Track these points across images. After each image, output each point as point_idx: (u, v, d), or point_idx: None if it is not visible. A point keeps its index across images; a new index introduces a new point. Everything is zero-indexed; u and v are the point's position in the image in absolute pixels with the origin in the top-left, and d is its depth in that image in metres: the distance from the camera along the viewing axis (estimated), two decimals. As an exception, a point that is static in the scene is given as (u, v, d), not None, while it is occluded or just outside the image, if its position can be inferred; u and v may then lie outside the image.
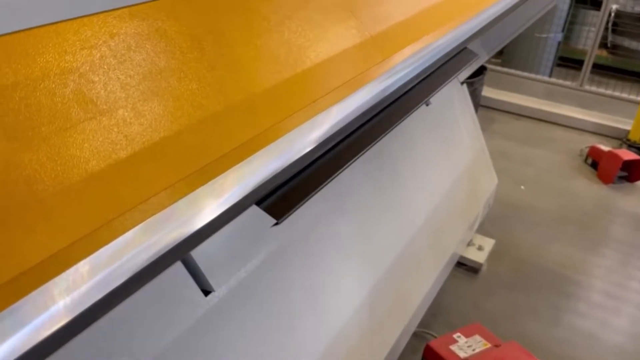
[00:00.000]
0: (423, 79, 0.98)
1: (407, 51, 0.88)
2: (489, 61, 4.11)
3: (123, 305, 0.57)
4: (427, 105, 1.95)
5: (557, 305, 2.11)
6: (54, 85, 0.51)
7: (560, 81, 3.79)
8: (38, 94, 0.49)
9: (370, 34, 0.86)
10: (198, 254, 1.02)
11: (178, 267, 0.99)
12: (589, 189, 2.87)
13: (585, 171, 3.03)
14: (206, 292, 1.00)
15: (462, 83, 2.24)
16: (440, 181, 1.96)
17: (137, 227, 0.53)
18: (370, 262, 1.50)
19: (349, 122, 0.74)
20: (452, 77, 1.04)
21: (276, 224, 0.60)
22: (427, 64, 0.93)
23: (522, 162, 3.11)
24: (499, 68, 3.95)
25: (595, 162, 3.02)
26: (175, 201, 0.55)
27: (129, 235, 0.52)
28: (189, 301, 0.88)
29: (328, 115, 0.70)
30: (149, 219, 0.53)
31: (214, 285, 1.02)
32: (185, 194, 0.55)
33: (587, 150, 3.10)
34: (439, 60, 0.99)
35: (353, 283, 1.42)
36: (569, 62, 4.25)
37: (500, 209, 2.65)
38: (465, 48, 1.08)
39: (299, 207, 0.61)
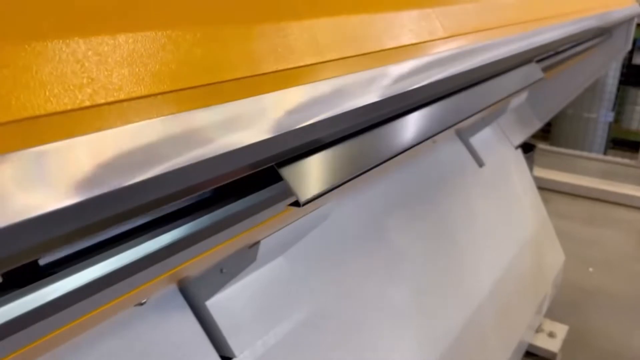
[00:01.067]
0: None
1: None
2: (537, 141, 3.93)
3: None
4: (480, 166, 1.77)
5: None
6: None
7: (618, 159, 3.55)
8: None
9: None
10: (217, 309, 0.83)
11: (192, 326, 0.80)
12: (667, 271, 2.53)
13: (658, 251, 2.71)
14: (226, 358, 0.80)
15: (516, 147, 2.05)
16: (502, 252, 1.71)
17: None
18: (425, 342, 1.25)
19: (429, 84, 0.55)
20: (518, 89, 0.86)
21: (296, 203, 0.40)
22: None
23: (586, 244, 2.81)
24: (548, 147, 3.76)
25: (670, 241, 2.69)
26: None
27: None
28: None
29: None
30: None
31: (234, 349, 0.82)
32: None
33: (658, 229, 2.79)
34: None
35: (408, 364, 1.16)
36: (622, 144, 4.03)
37: (569, 292, 2.33)
38: (531, 61, 0.91)
39: (334, 189, 0.42)
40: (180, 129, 0.30)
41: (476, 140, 1.75)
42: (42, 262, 0.38)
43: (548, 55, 1.29)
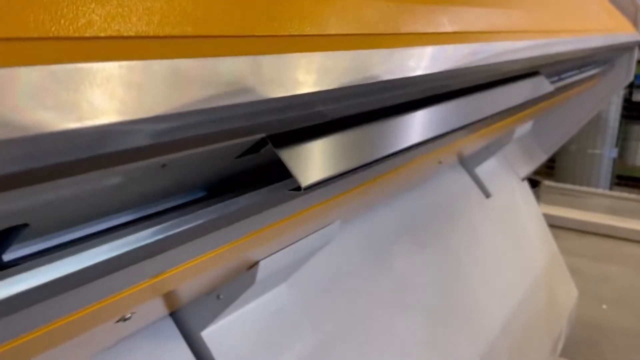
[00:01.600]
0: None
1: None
2: (541, 177, 3.89)
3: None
4: (487, 197, 1.72)
5: None
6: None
7: (625, 194, 3.51)
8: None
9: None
10: (213, 340, 0.77)
11: (181, 349, 0.74)
12: (683, 307, 2.44)
13: (673, 288, 2.62)
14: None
15: (522, 179, 2.01)
16: (513, 285, 1.64)
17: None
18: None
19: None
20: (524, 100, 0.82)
21: (297, 189, 0.35)
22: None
23: (598, 280, 2.74)
24: (553, 183, 3.72)
25: (684, 276, 2.62)
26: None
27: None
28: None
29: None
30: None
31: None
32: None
33: (671, 264, 2.72)
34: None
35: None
36: (628, 180, 4.00)
37: (583, 331, 2.24)
38: (538, 73, 0.88)
39: (338, 175, 0.37)
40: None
41: (481, 170, 1.72)
42: (7, 257, 0.33)
43: (553, 78, 1.27)
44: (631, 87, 4.18)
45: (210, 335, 0.75)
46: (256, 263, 0.72)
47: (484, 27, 0.63)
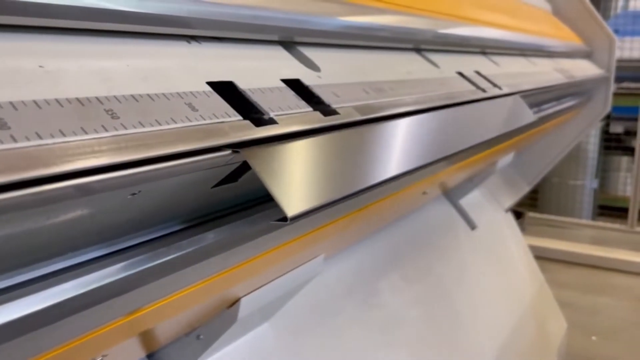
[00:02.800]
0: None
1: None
2: (525, 209, 3.91)
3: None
4: (472, 229, 1.72)
5: None
6: None
7: (609, 224, 3.53)
8: None
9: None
10: None
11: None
12: (675, 337, 2.43)
13: (661, 317, 2.62)
14: None
15: (506, 211, 2.02)
16: (502, 318, 1.62)
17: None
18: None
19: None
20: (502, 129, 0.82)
21: (284, 219, 0.33)
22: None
23: (587, 312, 2.72)
24: (538, 215, 3.74)
25: (671, 305, 2.61)
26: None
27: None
28: None
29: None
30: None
31: None
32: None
33: (659, 294, 2.72)
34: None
35: None
36: (610, 210, 4.04)
37: (574, 364, 2.21)
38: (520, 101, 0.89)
39: (325, 206, 0.35)
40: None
41: (466, 202, 1.72)
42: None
43: (534, 109, 1.28)
44: (608, 118, 4.28)
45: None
46: (237, 300, 0.69)
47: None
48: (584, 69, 1.73)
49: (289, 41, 0.48)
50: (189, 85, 0.34)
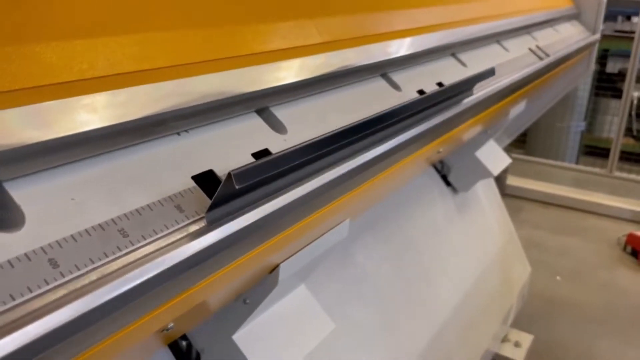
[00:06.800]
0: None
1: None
2: (511, 151, 4.04)
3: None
4: (447, 185, 1.85)
5: (612, 412, 1.84)
6: None
7: (589, 168, 3.67)
8: None
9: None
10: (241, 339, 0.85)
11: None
12: (632, 279, 2.64)
13: (625, 260, 2.82)
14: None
15: (484, 166, 2.14)
16: (468, 269, 1.79)
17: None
18: (392, 358, 1.32)
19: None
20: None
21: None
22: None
23: (556, 253, 2.92)
24: (523, 157, 3.87)
25: (635, 250, 2.81)
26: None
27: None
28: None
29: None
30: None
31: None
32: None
33: (624, 238, 2.91)
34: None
35: (372, 382, 1.23)
36: (595, 150, 4.16)
37: (537, 303, 2.43)
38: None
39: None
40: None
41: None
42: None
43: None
44: (605, 58, 4.29)
45: (240, 338, 0.80)
46: (277, 266, 0.76)
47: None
48: (564, 39, 1.78)
49: (261, 107, 0.59)
50: (177, 183, 0.46)
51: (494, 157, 1.79)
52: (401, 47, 0.85)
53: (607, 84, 4.20)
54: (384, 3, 0.88)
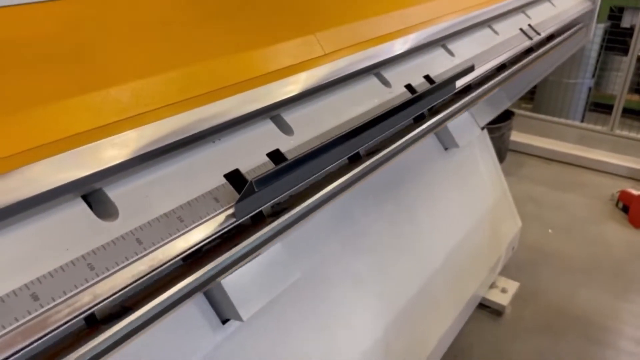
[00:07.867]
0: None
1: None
2: (519, 106, 4.15)
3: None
4: (446, 149, 2.01)
5: (584, 352, 2.07)
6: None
7: (591, 126, 3.79)
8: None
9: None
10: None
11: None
12: (620, 234, 2.83)
13: (616, 216, 2.99)
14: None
15: (482, 128, 2.29)
16: (460, 223, 1.99)
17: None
18: (386, 302, 1.53)
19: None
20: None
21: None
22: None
23: (552, 207, 3.09)
24: (528, 113, 3.98)
25: (626, 206, 2.98)
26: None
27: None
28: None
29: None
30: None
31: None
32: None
33: (617, 194, 3.07)
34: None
35: (367, 323, 1.45)
36: (601, 107, 4.25)
37: (527, 254, 2.64)
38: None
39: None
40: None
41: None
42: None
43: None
44: (621, 14, 4.29)
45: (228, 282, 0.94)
46: None
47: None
48: (559, 14, 1.88)
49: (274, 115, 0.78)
50: (214, 180, 0.66)
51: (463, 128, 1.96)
52: (392, 48, 1.01)
53: (620, 38, 4.21)
54: (375, 8, 1.03)
